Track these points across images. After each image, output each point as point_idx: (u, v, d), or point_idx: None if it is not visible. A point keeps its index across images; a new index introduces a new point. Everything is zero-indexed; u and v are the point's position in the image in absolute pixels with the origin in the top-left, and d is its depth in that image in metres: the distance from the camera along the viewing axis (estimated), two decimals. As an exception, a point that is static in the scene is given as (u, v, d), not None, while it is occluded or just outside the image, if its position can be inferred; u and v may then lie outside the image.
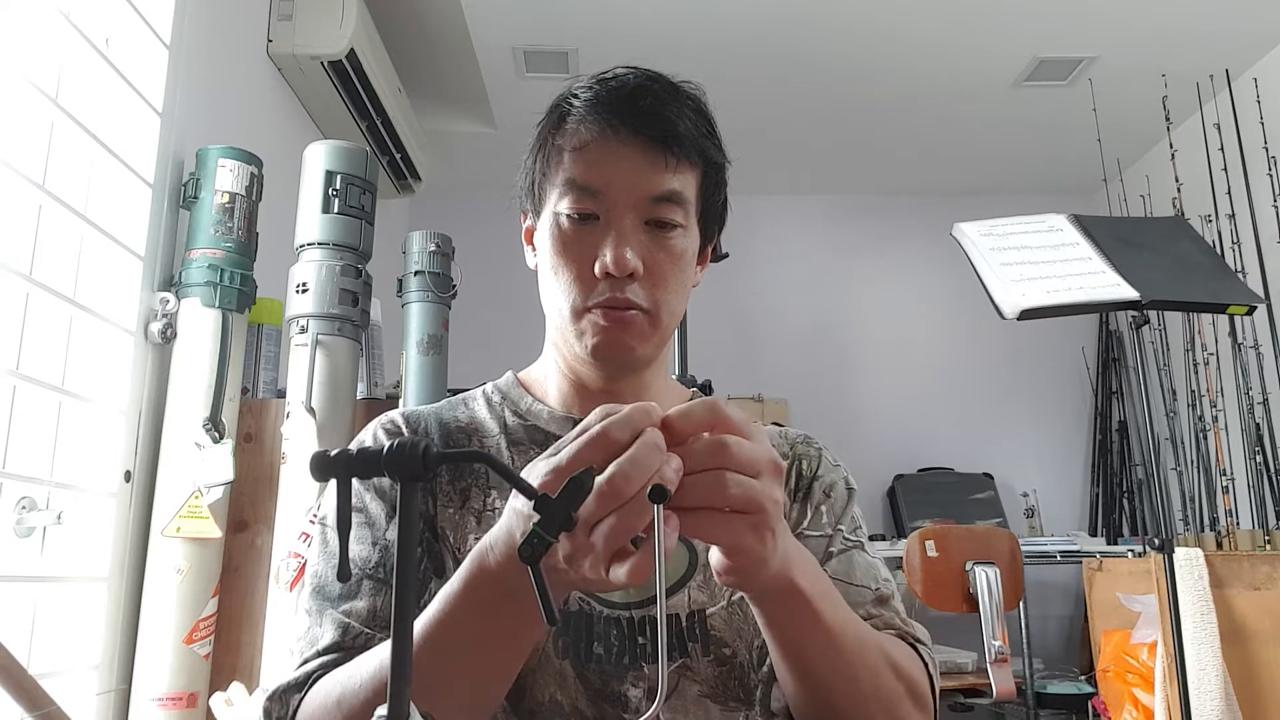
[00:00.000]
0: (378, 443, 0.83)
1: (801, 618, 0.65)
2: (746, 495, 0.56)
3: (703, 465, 0.55)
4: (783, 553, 0.60)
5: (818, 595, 0.65)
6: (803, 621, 0.65)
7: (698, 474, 0.55)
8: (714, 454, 0.55)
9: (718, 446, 0.56)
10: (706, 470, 0.55)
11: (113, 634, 1.61)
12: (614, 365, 0.82)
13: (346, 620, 0.74)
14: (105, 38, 1.67)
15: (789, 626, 0.66)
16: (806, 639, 0.66)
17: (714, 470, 0.55)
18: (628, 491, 0.52)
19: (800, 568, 0.63)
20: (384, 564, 0.77)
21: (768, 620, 0.66)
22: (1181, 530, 2.88)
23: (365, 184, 1.80)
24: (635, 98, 0.78)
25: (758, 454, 0.57)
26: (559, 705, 0.73)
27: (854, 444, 3.80)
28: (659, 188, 0.78)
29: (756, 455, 0.57)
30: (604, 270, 0.77)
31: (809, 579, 0.64)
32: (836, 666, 0.67)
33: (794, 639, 0.66)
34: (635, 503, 0.53)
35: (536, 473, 0.56)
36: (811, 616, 0.64)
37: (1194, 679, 1.87)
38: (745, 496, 0.55)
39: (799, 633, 0.66)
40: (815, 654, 0.67)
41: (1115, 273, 1.87)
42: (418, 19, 3.12)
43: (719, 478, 0.55)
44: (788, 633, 0.66)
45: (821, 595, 0.65)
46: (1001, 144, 4.04)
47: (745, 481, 0.56)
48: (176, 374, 1.69)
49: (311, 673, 0.71)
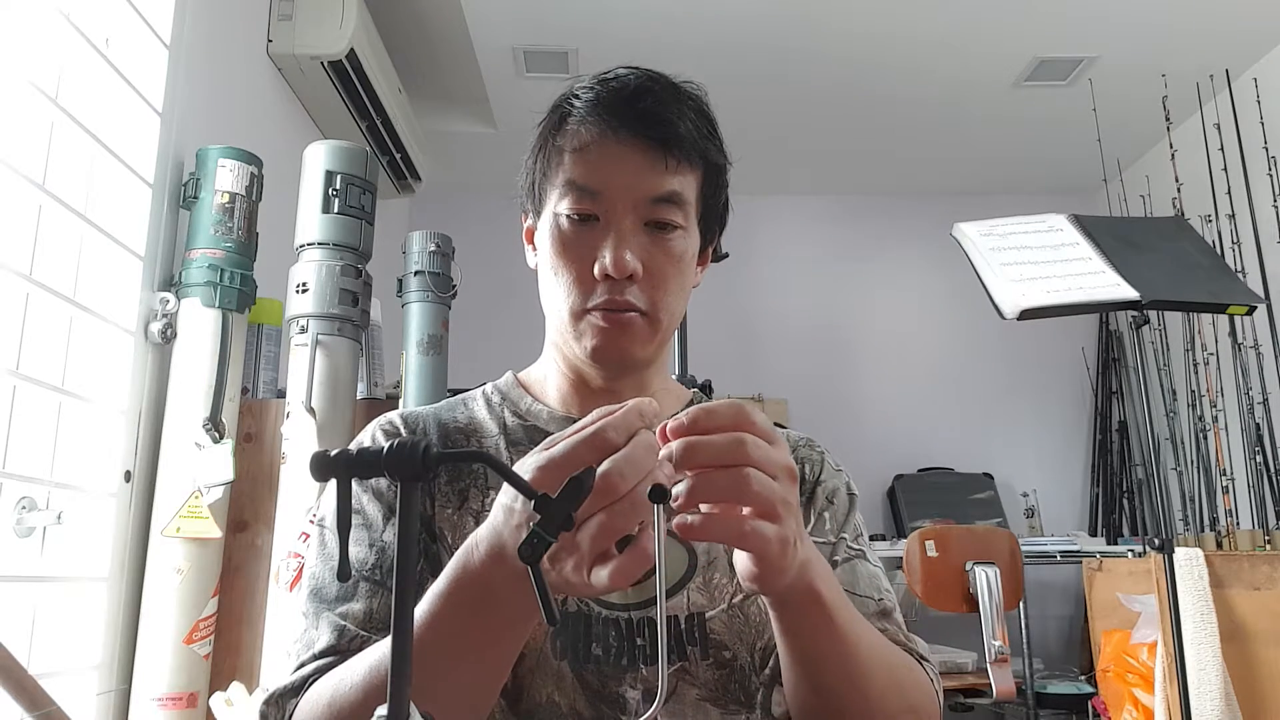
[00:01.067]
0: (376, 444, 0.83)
1: (819, 625, 0.64)
2: (767, 493, 0.56)
3: (724, 461, 0.55)
4: (804, 559, 0.61)
5: (836, 604, 0.65)
6: (820, 629, 0.65)
7: (719, 470, 0.55)
8: (735, 451, 0.56)
9: (739, 443, 0.56)
10: (728, 466, 0.55)
11: (113, 634, 1.61)
12: (613, 367, 0.82)
13: (343, 623, 0.74)
14: (105, 38, 1.67)
15: (806, 633, 0.65)
16: (823, 647, 0.66)
17: (735, 467, 0.55)
18: (620, 489, 0.52)
19: (820, 575, 0.63)
20: (381, 565, 0.77)
21: (785, 626, 0.66)
22: (1181, 530, 2.88)
23: (365, 184, 1.80)
24: (636, 99, 0.78)
25: (776, 457, 0.57)
26: (556, 706, 0.73)
27: (854, 444, 3.80)
28: (658, 189, 0.78)
29: (776, 459, 0.57)
30: (603, 272, 0.77)
31: (828, 586, 0.64)
32: (849, 675, 0.67)
33: (810, 646, 0.66)
34: (625, 502, 0.52)
35: (527, 466, 0.55)
36: (829, 624, 0.64)
37: (1194, 679, 1.87)
38: (766, 495, 0.56)
39: (816, 640, 0.66)
40: (830, 662, 0.67)
41: (1115, 273, 1.87)
42: (418, 19, 3.12)
43: (741, 474, 0.55)
44: (804, 639, 0.66)
45: (839, 604, 0.65)
46: (1001, 144, 4.04)
47: (766, 480, 0.56)
48: (176, 374, 1.69)
49: (307, 676, 0.71)
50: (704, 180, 0.82)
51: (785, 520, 0.57)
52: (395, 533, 0.77)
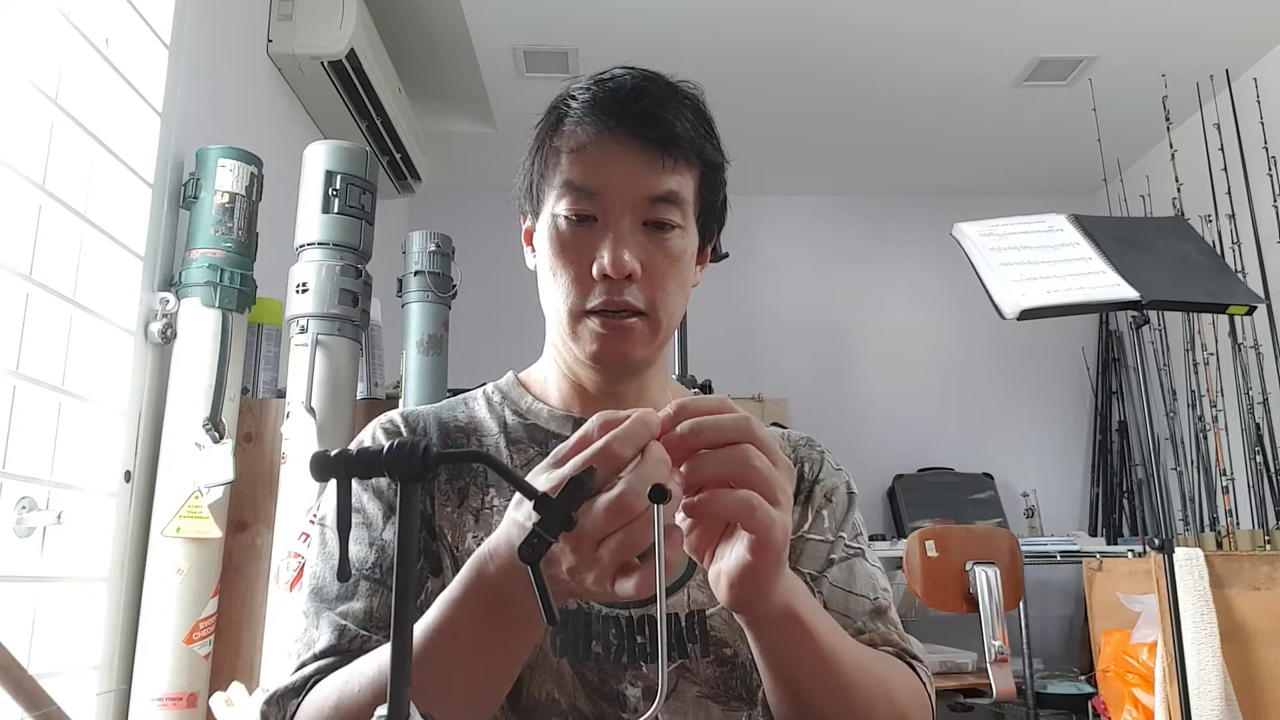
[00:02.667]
0: (377, 443, 0.83)
1: (798, 643, 0.65)
2: (769, 473, 0.56)
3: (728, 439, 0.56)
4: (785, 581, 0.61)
5: (814, 621, 0.65)
6: (799, 646, 0.65)
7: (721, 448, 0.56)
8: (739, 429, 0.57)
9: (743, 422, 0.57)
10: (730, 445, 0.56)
11: (113, 634, 1.61)
12: (614, 370, 0.82)
13: (343, 623, 0.74)
14: (105, 38, 1.67)
15: (785, 651, 0.66)
16: (804, 664, 0.66)
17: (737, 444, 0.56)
18: (638, 508, 0.53)
19: (797, 594, 0.64)
20: (380, 564, 0.77)
21: (764, 646, 0.66)
22: (1181, 530, 2.88)
23: (365, 184, 1.80)
24: (632, 99, 0.78)
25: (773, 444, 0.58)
26: (556, 703, 0.73)
27: (854, 444, 3.80)
28: (656, 189, 0.78)
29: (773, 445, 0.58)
30: (602, 272, 0.77)
31: (806, 605, 0.65)
32: (832, 689, 0.67)
33: (790, 664, 0.66)
34: (644, 519, 0.53)
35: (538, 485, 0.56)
36: (809, 642, 0.65)
37: (1194, 679, 1.87)
38: (768, 474, 0.56)
39: (795, 658, 0.66)
40: (810, 679, 0.67)
41: (1115, 273, 1.87)
42: (418, 19, 3.12)
43: (743, 450, 0.56)
44: (783, 658, 0.66)
45: (818, 621, 0.66)
46: (1001, 144, 4.04)
47: (766, 461, 0.56)
48: (176, 374, 1.69)
49: (309, 677, 0.71)
50: (701, 179, 0.82)
51: (785, 510, 0.57)
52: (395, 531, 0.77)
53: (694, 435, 0.56)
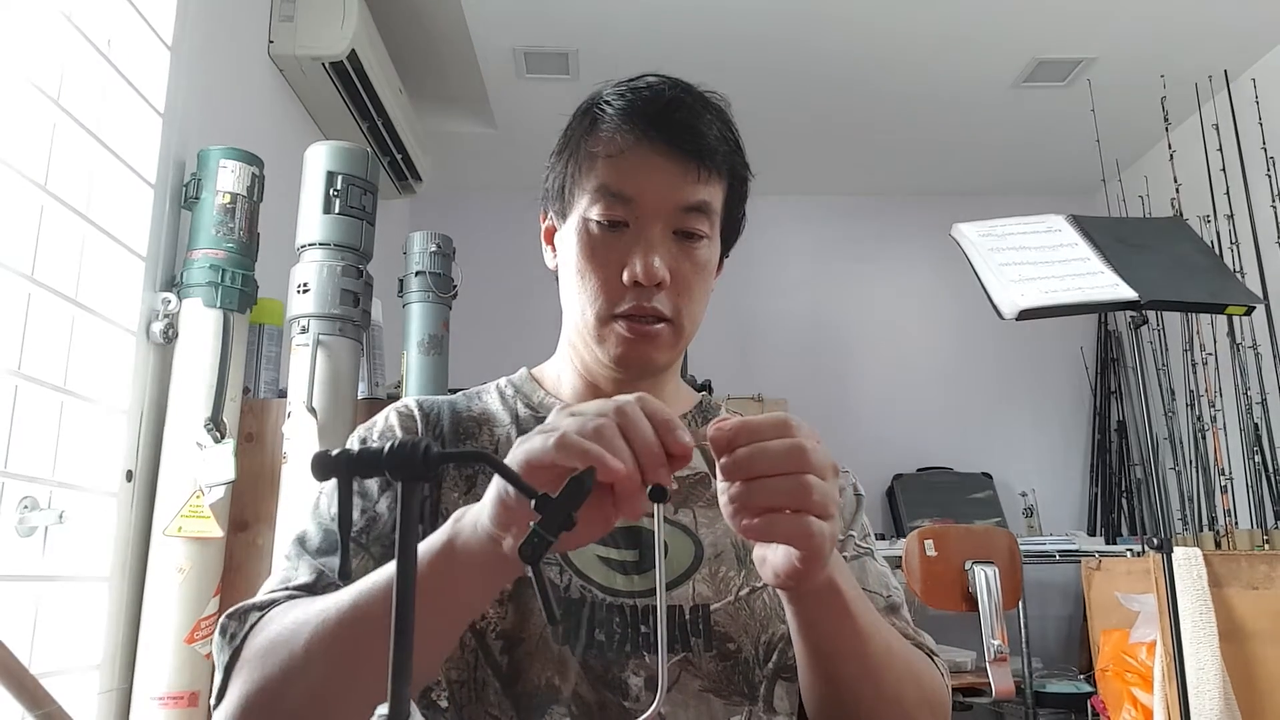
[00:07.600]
0: (389, 426, 0.85)
1: (838, 619, 0.66)
2: (825, 499, 0.58)
3: (783, 469, 0.57)
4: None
5: (853, 596, 0.67)
6: (838, 623, 0.66)
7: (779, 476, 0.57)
8: (795, 458, 0.57)
9: (799, 451, 0.58)
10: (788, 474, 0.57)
11: (114, 633, 1.61)
12: (635, 373, 0.84)
13: (323, 569, 0.75)
14: (107, 39, 1.67)
15: (825, 627, 0.67)
16: (840, 641, 0.67)
17: (795, 474, 0.57)
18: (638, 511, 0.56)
19: (838, 567, 0.65)
20: (369, 531, 0.78)
21: (804, 621, 0.67)
22: (1180, 530, 2.88)
23: (366, 184, 1.81)
24: (670, 109, 0.80)
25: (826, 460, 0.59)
26: (556, 690, 0.74)
27: (853, 443, 3.80)
28: (690, 198, 0.80)
29: (825, 462, 0.59)
30: (633, 278, 0.78)
31: (847, 581, 0.66)
32: (866, 668, 0.69)
33: (829, 640, 0.68)
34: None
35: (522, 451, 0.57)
36: (847, 618, 0.66)
37: (1193, 678, 1.88)
38: (824, 500, 0.57)
39: (833, 634, 0.67)
40: (846, 656, 0.68)
41: (1114, 273, 1.87)
42: (418, 20, 3.12)
43: (803, 481, 0.57)
44: (823, 633, 0.67)
45: (856, 596, 0.67)
46: (1001, 144, 4.04)
47: (821, 484, 0.58)
48: (178, 374, 1.69)
49: (275, 600, 0.71)
50: (729, 191, 0.84)
51: (834, 519, 0.59)
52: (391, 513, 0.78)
53: (750, 463, 0.58)
